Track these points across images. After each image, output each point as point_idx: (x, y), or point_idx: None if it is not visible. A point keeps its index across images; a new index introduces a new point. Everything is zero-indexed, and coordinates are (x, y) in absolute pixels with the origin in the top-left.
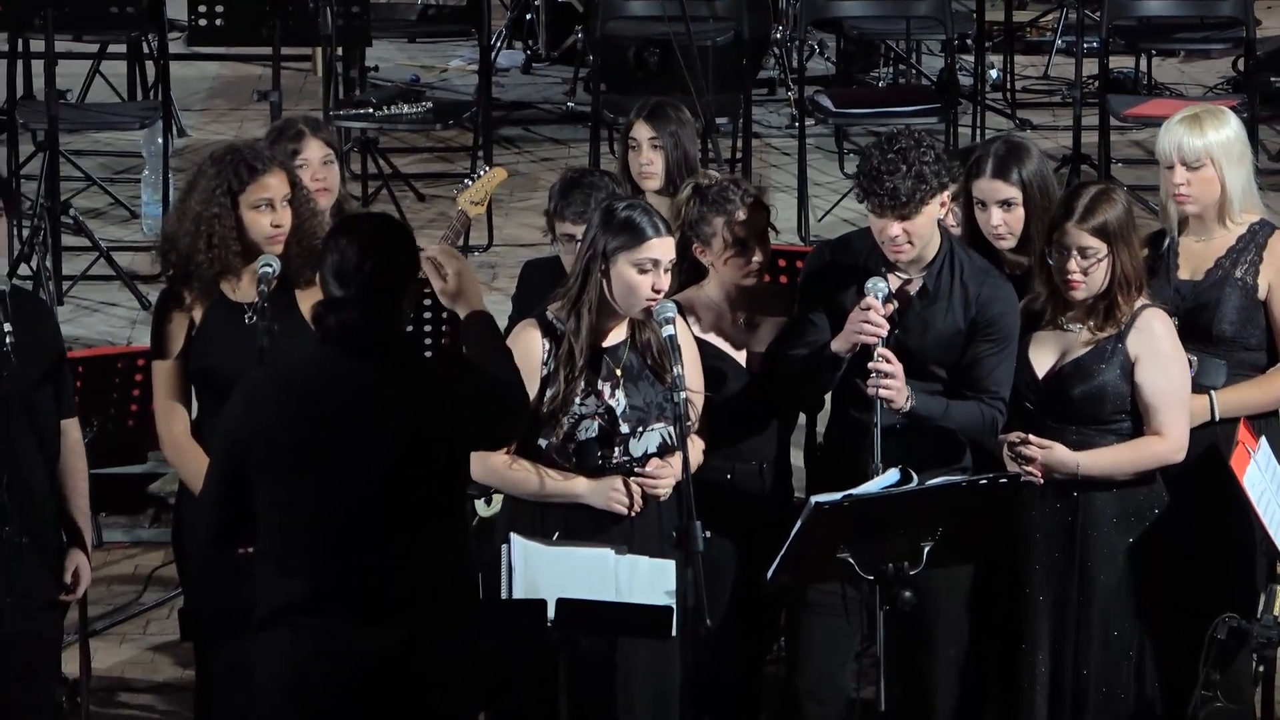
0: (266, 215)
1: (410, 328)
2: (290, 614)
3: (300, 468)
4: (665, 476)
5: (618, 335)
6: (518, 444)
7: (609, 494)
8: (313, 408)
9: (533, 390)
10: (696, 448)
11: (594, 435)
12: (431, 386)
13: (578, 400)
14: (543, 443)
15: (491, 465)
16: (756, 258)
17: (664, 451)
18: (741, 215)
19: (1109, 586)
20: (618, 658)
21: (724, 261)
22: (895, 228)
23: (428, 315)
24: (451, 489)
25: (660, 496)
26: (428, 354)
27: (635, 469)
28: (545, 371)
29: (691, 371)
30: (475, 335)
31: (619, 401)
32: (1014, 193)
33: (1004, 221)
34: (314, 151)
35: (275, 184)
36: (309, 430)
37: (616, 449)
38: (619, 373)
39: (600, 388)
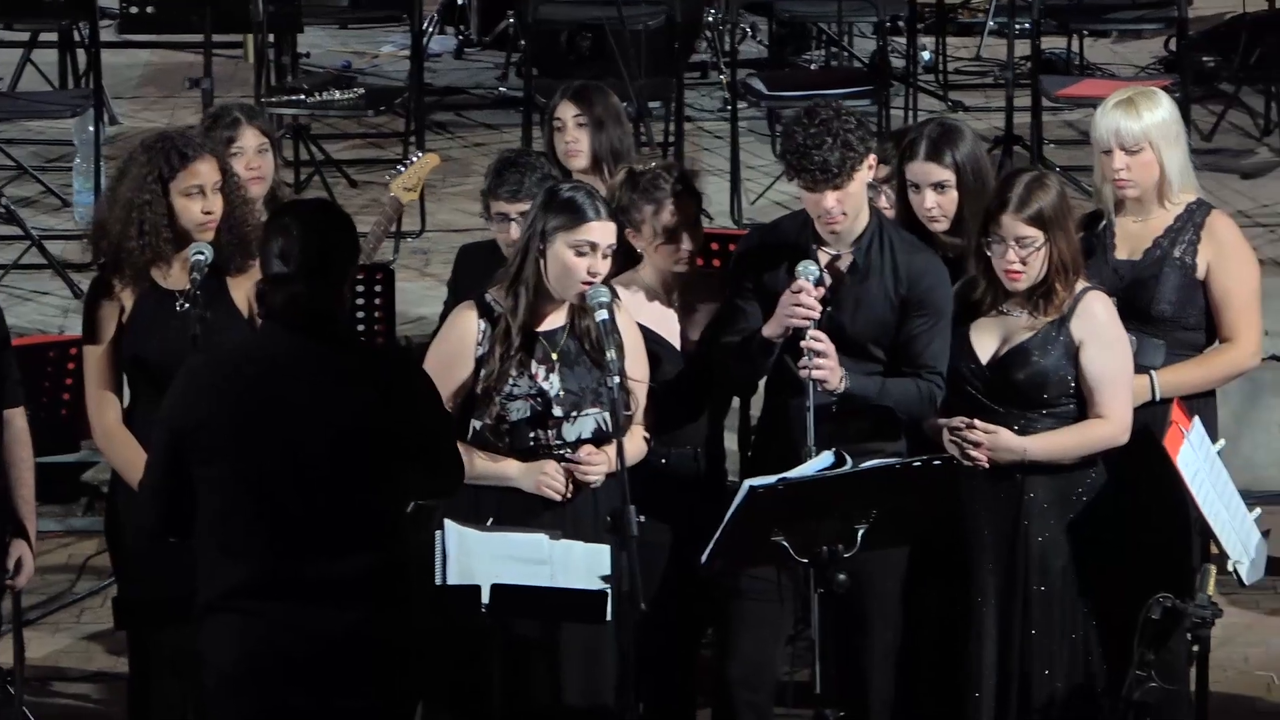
0: (197, 202)
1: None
2: (237, 599)
3: (243, 450)
4: (597, 464)
5: (557, 319)
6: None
7: (539, 478)
8: (254, 389)
9: (466, 372)
10: (638, 439)
11: (525, 417)
12: (375, 370)
13: (510, 381)
14: (476, 424)
15: None
16: (686, 246)
17: (599, 437)
18: (671, 205)
19: (1055, 572)
20: (551, 643)
21: (654, 249)
22: (830, 199)
23: (360, 302)
24: (395, 471)
25: (592, 483)
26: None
27: (567, 454)
28: (480, 352)
29: (635, 361)
30: None
31: (553, 384)
32: (947, 175)
33: (937, 204)
34: (249, 140)
35: (206, 171)
36: (251, 412)
37: (549, 432)
38: (555, 356)
39: (535, 370)
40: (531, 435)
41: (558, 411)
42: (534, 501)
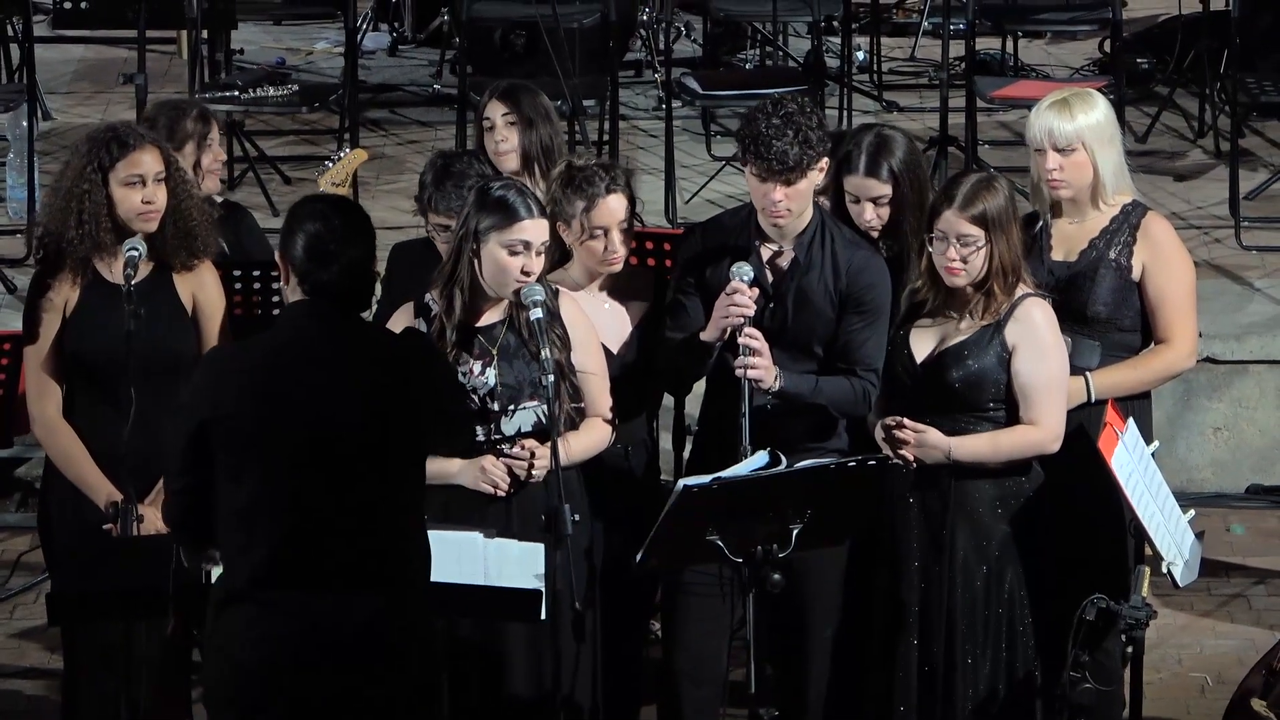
0: (137, 192)
1: None
2: (259, 589)
3: (273, 438)
4: (539, 458)
5: (495, 314)
6: None
7: (476, 473)
8: (283, 376)
9: None
10: (596, 430)
11: None
12: (396, 351)
13: None
14: None
15: None
16: (613, 248)
17: (539, 430)
18: (601, 202)
19: (979, 573)
20: (487, 641)
21: (581, 244)
22: (779, 193)
23: None
24: (418, 452)
25: (533, 479)
26: None
27: (506, 448)
28: None
29: (587, 352)
30: None
31: (488, 379)
32: (885, 190)
33: (876, 215)
34: (217, 134)
35: (148, 161)
36: (281, 399)
37: (487, 426)
38: (494, 351)
39: (470, 365)
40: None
41: (494, 406)
42: (480, 498)
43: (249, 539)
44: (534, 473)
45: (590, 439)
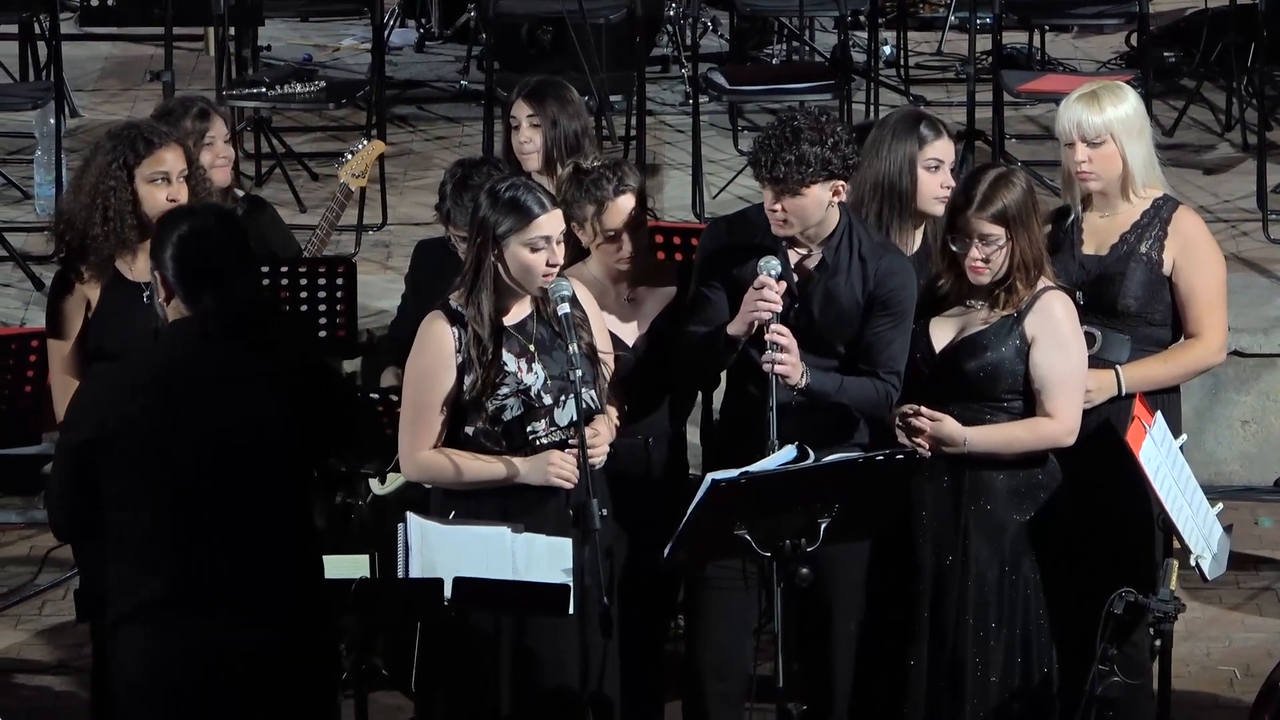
0: (162, 189)
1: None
2: (150, 611)
3: (163, 460)
4: (598, 445)
5: (522, 310)
6: (445, 436)
7: (547, 469)
8: (173, 398)
9: (450, 380)
10: (612, 415)
11: (518, 414)
12: (292, 378)
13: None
14: (469, 430)
15: (424, 462)
16: (626, 249)
17: (590, 415)
18: (611, 205)
19: (994, 564)
20: (515, 636)
21: (596, 246)
22: (775, 202)
23: (322, 295)
24: (311, 475)
25: (597, 464)
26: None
27: (568, 439)
28: (460, 359)
29: (600, 337)
30: None
31: (537, 375)
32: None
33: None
34: (220, 129)
35: (172, 159)
36: (170, 420)
37: (543, 422)
38: (532, 348)
39: (515, 366)
40: (529, 429)
41: (546, 400)
42: (540, 496)
43: (141, 562)
44: (596, 459)
45: (613, 421)
